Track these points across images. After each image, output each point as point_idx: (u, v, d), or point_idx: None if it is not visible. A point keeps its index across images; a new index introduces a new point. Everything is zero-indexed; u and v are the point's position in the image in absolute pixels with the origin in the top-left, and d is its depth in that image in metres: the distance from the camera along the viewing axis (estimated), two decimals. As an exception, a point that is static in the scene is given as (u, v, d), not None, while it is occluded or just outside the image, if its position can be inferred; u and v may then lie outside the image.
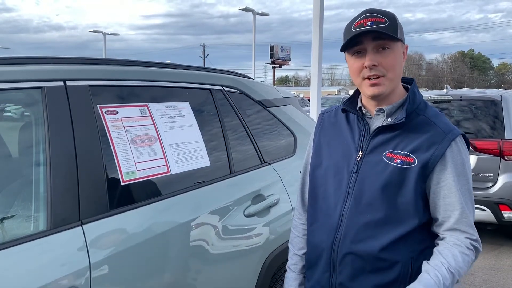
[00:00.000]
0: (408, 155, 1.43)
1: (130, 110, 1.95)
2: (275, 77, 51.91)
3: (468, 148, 1.50)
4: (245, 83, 2.72)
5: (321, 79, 7.77)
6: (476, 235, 1.45)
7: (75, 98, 1.75)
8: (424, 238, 1.47)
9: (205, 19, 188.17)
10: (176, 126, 2.12)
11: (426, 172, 1.42)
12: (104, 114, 1.83)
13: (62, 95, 1.71)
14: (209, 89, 2.43)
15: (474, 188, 5.07)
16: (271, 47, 44.25)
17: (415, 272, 1.43)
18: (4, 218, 1.54)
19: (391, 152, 1.45)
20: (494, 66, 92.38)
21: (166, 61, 2.06)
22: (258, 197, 2.36)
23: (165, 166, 1.99)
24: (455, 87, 30.48)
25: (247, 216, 2.26)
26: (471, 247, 1.43)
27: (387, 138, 1.47)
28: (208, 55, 67.23)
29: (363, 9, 1.48)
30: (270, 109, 2.81)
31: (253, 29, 27.51)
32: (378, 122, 1.51)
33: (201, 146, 2.21)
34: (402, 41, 1.46)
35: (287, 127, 2.88)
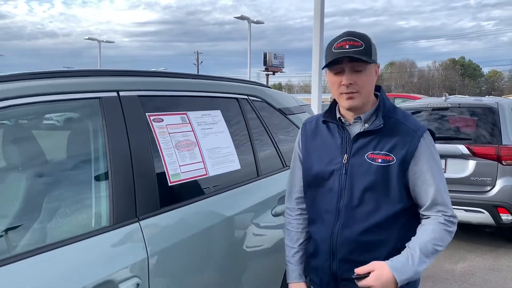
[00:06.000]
0: (387, 154, 1.69)
1: (173, 118, 2.14)
2: (269, 84, 52.20)
3: (434, 140, 1.76)
4: (267, 92, 2.92)
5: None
6: (450, 212, 1.70)
7: (128, 107, 1.93)
8: (407, 220, 1.73)
9: (200, 26, 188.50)
10: (211, 133, 2.31)
11: (404, 167, 1.68)
12: (152, 122, 2.02)
13: (117, 105, 1.90)
14: (236, 98, 2.62)
15: (473, 192, 5.32)
16: (265, 55, 44.42)
17: (404, 248, 1.69)
18: (72, 216, 1.72)
19: (372, 153, 1.70)
20: (485, 73, 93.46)
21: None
22: (283, 198, 2.54)
23: (204, 169, 2.18)
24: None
25: (275, 215, 2.45)
26: (446, 222, 1.68)
27: (366, 141, 1.72)
28: (202, 62, 67.49)
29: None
30: (289, 116, 3.01)
31: (249, 37, 27.78)
32: (356, 128, 1.76)
33: (232, 151, 2.40)
34: (375, 62, 1.69)
35: (304, 133, 3.07)
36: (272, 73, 45.99)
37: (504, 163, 5.22)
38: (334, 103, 1.84)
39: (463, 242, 5.73)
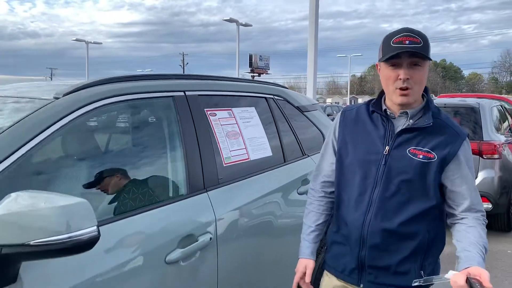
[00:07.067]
0: (429, 152, 1.75)
1: (223, 113, 2.66)
2: (255, 85, 52.52)
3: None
4: (287, 92, 3.46)
5: (300, 88, 8.50)
6: (484, 212, 1.81)
7: (193, 104, 2.44)
8: (437, 216, 1.83)
9: (185, 27, 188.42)
10: (249, 125, 2.84)
11: (443, 166, 1.76)
12: (209, 116, 2.54)
13: (185, 102, 2.41)
14: (265, 98, 3.15)
15: (457, 183, 5.90)
16: (250, 57, 44.74)
17: (431, 243, 1.82)
18: (160, 187, 2.23)
19: (414, 148, 1.76)
20: (465, 75, 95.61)
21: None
22: (305, 180, 3.08)
23: (246, 154, 2.70)
24: (430, 96, 31.58)
25: (300, 194, 2.98)
26: (484, 222, 1.79)
27: (411, 136, 1.78)
28: (187, 63, 67.79)
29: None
30: (305, 113, 3.55)
31: (237, 40, 28.34)
32: (400, 122, 1.81)
33: (265, 141, 2.93)
34: (431, 59, 1.76)
35: (317, 128, 3.61)
36: (257, 74, 46.36)
37: (484, 157, 5.84)
38: (381, 94, 1.89)
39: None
